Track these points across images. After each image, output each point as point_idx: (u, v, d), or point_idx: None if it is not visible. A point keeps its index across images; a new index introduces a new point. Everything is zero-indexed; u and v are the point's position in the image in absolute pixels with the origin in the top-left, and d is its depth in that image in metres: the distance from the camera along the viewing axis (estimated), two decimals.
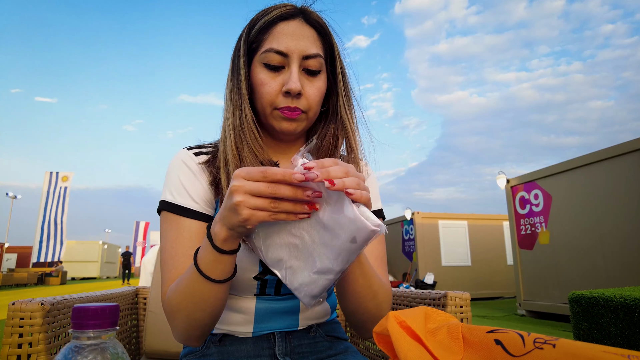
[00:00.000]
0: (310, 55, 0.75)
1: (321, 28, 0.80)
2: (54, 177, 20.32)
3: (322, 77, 0.79)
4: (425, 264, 10.70)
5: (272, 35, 0.76)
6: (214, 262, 0.61)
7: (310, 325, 0.84)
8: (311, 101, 0.77)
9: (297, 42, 0.75)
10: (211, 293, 0.64)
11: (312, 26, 0.79)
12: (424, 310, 0.41)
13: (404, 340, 0.36)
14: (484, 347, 0.34)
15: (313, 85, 0.77)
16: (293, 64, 0.75)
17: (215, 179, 0.79)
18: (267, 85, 0.75)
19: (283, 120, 0.76)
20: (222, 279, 0.63)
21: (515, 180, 7.45)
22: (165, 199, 0.77)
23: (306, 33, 0.77)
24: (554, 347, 0.31)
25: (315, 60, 0.76)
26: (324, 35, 0.80)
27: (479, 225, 11.47)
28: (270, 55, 0.75)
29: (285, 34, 0.75)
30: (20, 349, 0.73)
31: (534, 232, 6.99)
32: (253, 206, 0.53)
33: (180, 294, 0.66)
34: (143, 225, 35.26)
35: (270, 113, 0.77)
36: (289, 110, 0.75)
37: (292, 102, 0.75)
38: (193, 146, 0.84)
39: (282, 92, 0.75)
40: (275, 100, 0.75)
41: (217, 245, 0.59)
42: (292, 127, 0.77)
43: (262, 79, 0.76)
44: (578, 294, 3.02)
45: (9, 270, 22.12)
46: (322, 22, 0.80)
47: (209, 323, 0.69)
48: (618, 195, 5.49)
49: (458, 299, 0.90)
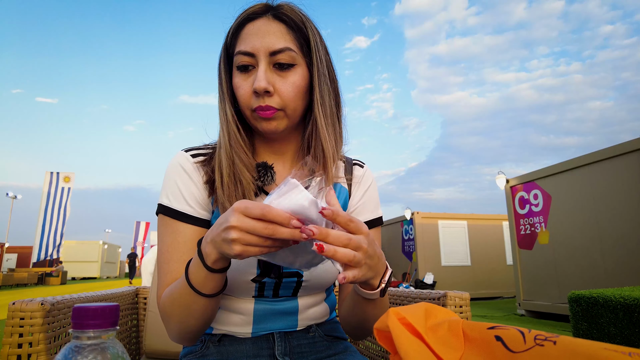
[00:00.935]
0: (278, 50, 0.73)
1: (291, 21, 0.76)
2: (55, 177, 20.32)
3: (297, 70, 0.76)
4: (425, 264, 10.70)
5: (241, 37, 0.76)
6: (204, 279, 0.62)
7: (309, 325, 0.84)
8: (285, 97, 0.74)
9: (262, 39, 0.73)
10: (202, 305, 0.66)
11: (281, 20, 0.76)
12: (425, 307, 0.41)
13: (405, 337, 0.36)
14: (484, 343, 0.34)
15: (286, 81, 0.74)
16: (261, 62, 0.73)
17: (210, 178, 0.79)
18: (241, 87, 0.75)
19: (262, 121, 0.75)
20: (213, 293, 0.64)
21: (515, 180, 7.46)
22: (162, 203, 0.78)
23: (273, 29, 0.75)
24: (554, 344, 0.31)
25: (285, 54, 0.74)
26: (295, 29, 0.77)
27: (479, 225, 11.48)
28: (240, 57, 0.75)
29: (251, 33, 0.75)
30: (21, 348, 0.73)
31: (533, 232, 6.99)
32: (247, 242, 0.53)
33: (173, 301, 0.68)
34: (143, 225, 35.25)
35: (250, 115, 0.76)
36: (262, 110, 0.74)
37: (264, 100, 0.73)
38: (191, 148, 0.84)
39: (253, 92, 0.74)
40: (249, 102, 0.75)
41: (209, 265, 0.60)
42: (272, 127, 0.76)
43: (237, 83, 0.76)
44: (577, 293, 3.02)
45: (9, 270, 22.09)
46: (294, 14, 0.77)
47: (201, 328, 0.71)
48: (617, 195, 5.49)
49: (458, 298, 0.90)
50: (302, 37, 0.77)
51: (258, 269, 0.76)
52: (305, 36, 0.77)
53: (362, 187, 0.89)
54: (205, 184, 0.79)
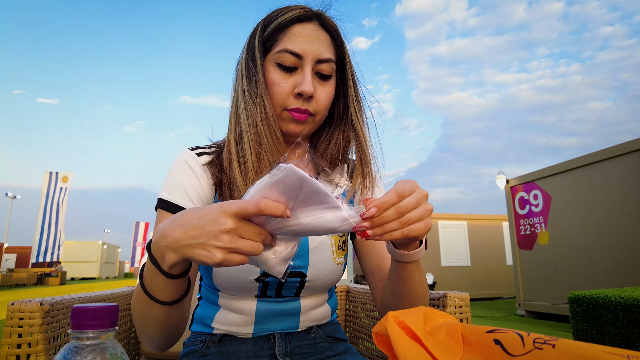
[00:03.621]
0: (324, 60, 0.76)
1: (335, 34, 0.80)
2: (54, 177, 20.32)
3: (332, 82, 0.79)
4: (424, 264, 10.63)
5: (288, 35, 0.75)
6: (163, 285, 0.55)
7: (310, 326, 0.84)
8: (320, 105, 0.77)
9: (312, 45, 0.75)
10: (161, 313, 0.59)
11: (327, 31, 0.79)
12: (423, 311, 0.41)
13: (403, 341, 0.36)
14: (483, 347, 0.34)
15: (324, 90, 0.77)
16: (307, 66, 0.74)
17: (218, 180, 0.78)
18: (280, 85, 0.75)
19: (291, 122, 0.76)
20: (172, 300, 0.58)
21: (515, 180, 7.46)
22: (162, 197, 0.77)
23: (321, 37, 0.77)
24: (553, 347, 0.31)
25: (328, 65, 0.76)
26: (336, 41, 0.81)
27: (479, 226, 11.47)
28: (285, 55, 0.74)
29: (301, 35, 0.75)
30: (20, 349, 0.73)
31: (533, 233, 6.99)
32: (235, 249, 0.47)
33: (134, 305, 0.63)
34: (143, 225, 35.28)
35: (279, 114, 0.76)
36: (299, 112, 0.75)
37: (303, 104, 0.75)
38: (196, 147, 0.84)
39: (294, 93, 0.74)
40: (286, 101, 0.75)
41: (165, 269, 0.53)
42: (299, 130, 0.77)
43: (275, 79, 0.75)
44: (577, 294, 3.02)
45: (8, 271, 22.10)
46: (337, 27, 0.81)
47: (165, 338, 0.66)
48: (617, 195, 5.49)
49: (457, 299, 0.90)
50: (339, 52, 0.81)
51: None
52: (342, 51, 0.81)
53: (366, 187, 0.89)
54: (214, 186, 0.78)
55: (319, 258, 0.79)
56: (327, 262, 0.80)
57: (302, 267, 0.78)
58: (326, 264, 0.80)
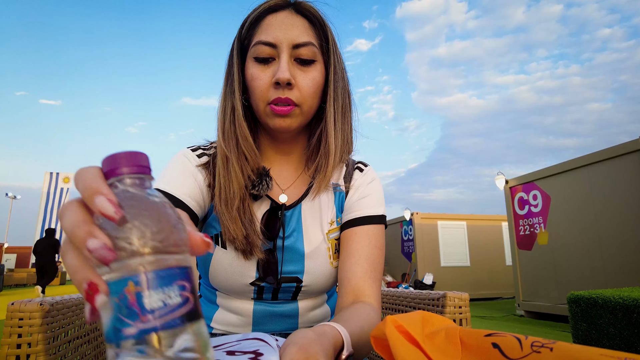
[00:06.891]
0: (301, 44, 0.72)
1: (313, 17, 0.76)
2: (54, 177, 20.30)
3: (317, 67, 0.74)
4: (424, 265, 10.69)
5: (261, 28, 0.73)
6: None
7: (310, 327, 0.83)
8: (304, 92, 0.72)
9: (286, 31, 0.72)
10: None
11: (304, 16, 0.76)
12: (422, 315, 0.41)
13: (402, 344, 0.36)
14: (481, 350, 0.35)
15: (306, 76, 0.72)
16: (282, 53, 0.71)
17: (211, 183, 0.77)
18: (258, 79, 0.72)
19: (275, 117, 0.72)
20: None
21: (514, 181, 7.46)
22: (158, 187, 0.74)
23: (296, 22, 0.73)
24: (551, 351, 0.31)
25: (307, 49, 0.72)
26: (317, 25, 0.76)
27: (478, 226, 11.48)
28: (259, 47, 0.72)
29: (273, 25, 0.73)
30: (19, 349, 0.73)
31: (532, 233, 6.99)
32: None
33: None
34: None
35: (263, 110, 0.73)
36: (281, 104, 0.71)
37: (284, 92, 0.70)
38: (197, 147, 0.82)
39: (272, 83, 0.71)
40: (266, 94, 0.71)
41: None
42: (286, 124, 0.73)
43: (253, 73, 0.73)
44: (577, 294, 3.02)
45: (8, 271, 22.07)
46: (315, 11, 0.76)
47: None
48: (617, 196, 5.49)
49: (457, 299, 0.90)
50: (322, 35, 0.77)
51: (257, 273, 0.75)
52: (324, 34, 0.77)
53: (361, 188, 0.85)
54: (208, 187, 0.77)
55: (315, 263, 0.78)
56: (324, 266, 0.79)
57: (298, 272, 0.77)
58: (323, 268, 0.79)
